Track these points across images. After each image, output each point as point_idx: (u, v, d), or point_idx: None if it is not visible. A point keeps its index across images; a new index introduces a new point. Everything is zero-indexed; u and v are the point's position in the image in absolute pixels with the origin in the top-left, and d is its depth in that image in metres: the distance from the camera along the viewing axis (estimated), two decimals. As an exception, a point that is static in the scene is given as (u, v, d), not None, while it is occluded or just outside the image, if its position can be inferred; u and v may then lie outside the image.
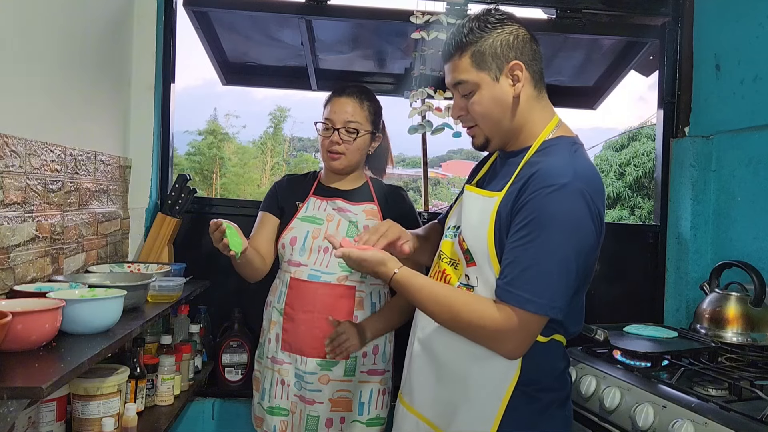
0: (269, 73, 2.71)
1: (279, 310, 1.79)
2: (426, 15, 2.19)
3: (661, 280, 2.35)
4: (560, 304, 1.14)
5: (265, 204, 1.89)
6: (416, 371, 1.37)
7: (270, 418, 1.78)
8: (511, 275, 1.15)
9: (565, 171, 1.16)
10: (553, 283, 1.13)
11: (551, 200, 1.14)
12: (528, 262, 1.13)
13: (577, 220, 1.15)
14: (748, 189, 2.06)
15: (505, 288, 1.15)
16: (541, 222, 1.13)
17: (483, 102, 1.26)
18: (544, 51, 1.31)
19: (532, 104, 1.28)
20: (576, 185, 1.15)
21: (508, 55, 1.24)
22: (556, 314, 1.15)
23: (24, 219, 1.45)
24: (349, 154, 1.79)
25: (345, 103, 1.79)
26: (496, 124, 1.28)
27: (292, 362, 1.76)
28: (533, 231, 1.14)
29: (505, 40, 1.24)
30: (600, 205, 1.18)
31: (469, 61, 1.25)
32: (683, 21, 2.35)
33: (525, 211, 1.15)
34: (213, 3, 2.25)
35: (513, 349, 1.18)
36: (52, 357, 1.14)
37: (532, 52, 1.26)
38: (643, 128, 13.67)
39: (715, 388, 1.50)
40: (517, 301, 1.13)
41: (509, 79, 1.25)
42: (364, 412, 1.77)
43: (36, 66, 1.51)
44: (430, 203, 2.71)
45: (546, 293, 1.13)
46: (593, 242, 1.18)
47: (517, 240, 1.15)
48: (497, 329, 1.16)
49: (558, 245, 1.13)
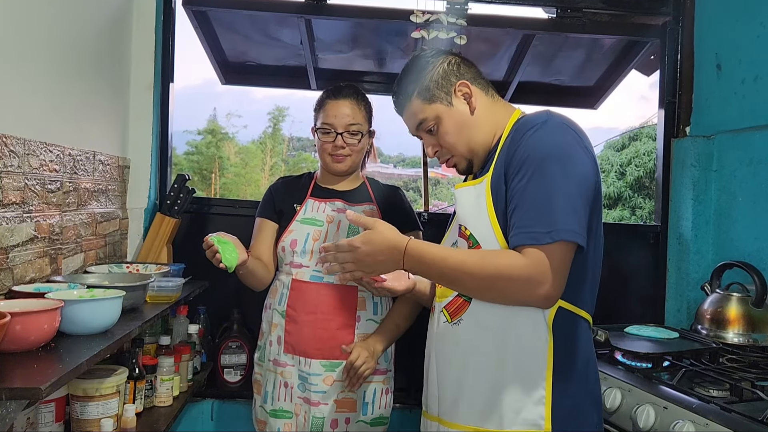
0: (269, 72, 2.70)
1: (280, 312, 1.78)
2: (426, 14, 2.19)
3: (662, 281, 2.35)
4: (575, 227, 1.13)
5: (262, 210, 1.87)
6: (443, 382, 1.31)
7: (274, 420, 1.77)
8: (520, 219, 1.15)
9: (541, 115, 1.22)
10: (561, 210, 1.13)
11: (536, 138, 1.17)
12: (531, 200, 1.14)
13: (567, 147, 1.17)
14: (749, 189, 2.05)
15: (518, 232, 1.14)
16: (533, 160, 1.16)
17: (449, 130, 1.32)
18: (545, 51, 1.34)
19: (492, 108, 1.34)
20: (556, 120, 1.20)
21: (450, 79, 1.32)
22: (575, 237, 1.13)
23: (23, 219, 1.45)
24: (353, 155, 1.79)
25: (343, 105, 1.77)
26: (469, 144, 1.32)
27: (296, 364, 1.75)
28: (527, 171, 1.16)
29: (441, 70, 1.33)
30: (585, 139, 1.21)
31: (419, 100, 1.33)
32: (684, 20, 2.35)
33: (515, 159, 1.18)
34: (212, 2, 2.24)
35: (549, 290, 1.13)
36: (50, 358, 1.13)
37: (469, 69, 1.35)
38: (643, 128, 13.66)
39: (716, 389, 1.50)
40: (534, 238, 1.12)
41: (462, 99, 1.32)
42: (368, 411, 1.77)
43: (35, 66, 1.51)
44: (430, 203, 2.71)
45: (558, 221, 1.12)
46: (589, 168, 1.18)
47: (515, 187, 1.17)
48: (526, 275, 1.12)
49: (555, 175, 1.14)
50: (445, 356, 1.32)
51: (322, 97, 1.82)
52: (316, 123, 1.82)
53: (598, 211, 1.23)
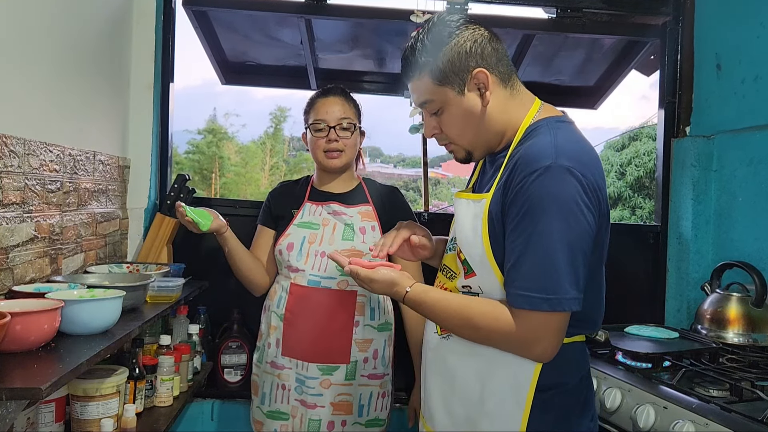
0: (269, 72, 2.70)
1: (279, 315, 1.79)
2: (426, 14, 2.19)
3: (662, 281, 2.35)
4: (574, 294, 1.08)
5: (260, 217, 1.92)
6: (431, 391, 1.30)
7: (270, 422, 1.78)
8: (517, 278, 1.09)
9: (545, 152, 1.09)
10: (561, 275, 1.06)
11: (537, 187, 1.07)
12: (530, 259, 1.08)
13: (570, 201, 1.07)
14: (749, 189, 2.05)
15: (515, 293, 1.10)
16: (533, 213, 1.07)
17: (453, 120, 1.21)
18: (545, 51, 1.29)
19: (507, 105, 1.22)
20: (560, 164, 1.07)
21: (468, 64, 1.17)
22: (573, 306, 1.08)
23: (23, 219, 1.45)
24: (347, 150, 1.79)
25: (333, 102, 1.80)
26: (473, 137, 1.23)
27: (293, 367, 1.76)
28: (527, 226, 1.08)
29: (462, 50, 1.17)
30: (593, 176, 1.10)
31: (429, 79, 1.19)
32: (684, 20, 2.34)
33: (515, 205, 1.10)
34: (212, 2, 2.25)
35: (542, 352, 1.11)
36: (50, 358, 1.13)
37: (493, 53, 1.19)
38: (644, 128, 13.65)
39: (716, 388, 1.50)
40: (531, 304, 1.08)
41: (475, 90, 1.19)
42: (364, 413, 1.77)
43: (35, 66, 1.51)
44: (430, 203, 2.71)
45: (557, 287, 1.07)
46: (593, 220, 1.10)
47: (514, 239, 1.10)
48: (520, 337, 1.10)
49: (556, 233, 1.06)
50: (433, 366, 1.30)
51: (312, 99, 1.85)
52: (307, 122, 1.84)
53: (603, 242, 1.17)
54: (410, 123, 2.33)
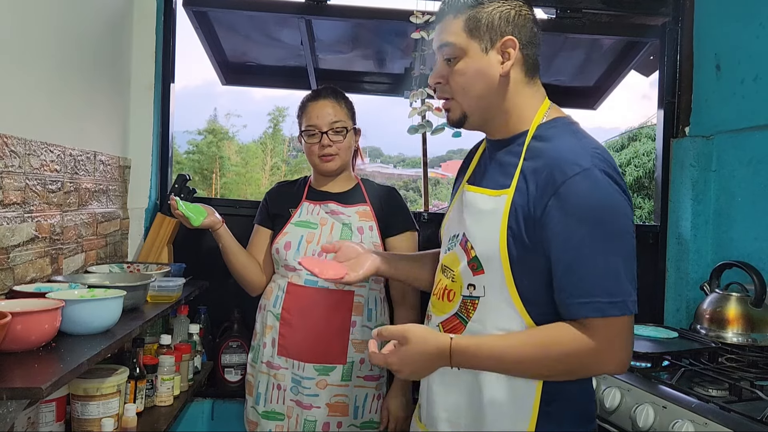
0: (269, 73, 2.71)
1: (275, 314, 1.79)
2: (426, 15, 2.19)
3: (661, 281, 2.35)
4: (635, 296, 1.07)
5: (258, 217, 1.92)
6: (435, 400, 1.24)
7: (265, 422, 1.78)
8: (575, 285, 1.06)
9: (579, 154, 1.09)
10: (621, 276, 1.05)
11: (584, 190, 1.05)
12: (587, 264, 1.05)
13: (615, 202, 1.07)
14: (749, 189, 2.06)
15: (576, 302, 1.05)
16: (582, 217, 1.05)
17: (466, 72, 1.17)
18: (545, 51, 1.28)
19: (520, 89, 1.19)
20: (598, 166, 1.07)
21: (504, 29, 1.15)
22: (635, 308, 1.06)
23: (23, 219, 1.45)
24: (341, 153, 1.80)
25: (323, 105, 1.80)
26: (476, 99, 1.18)
27: (289, 367, 1.76)
28: (577, 230, 1.05)
29: (505, 13, 1.15)
30: (620, 178, 1.11)
31: (462, 24, 1.16)
32: (683, 21, 2.35)
33: (557, 210, 1.06)
34: (212, 3, 2.25)
35: (619, 361, 1.07)
36: (51, 357, 1.14)
37: (530, 33, 1.18)
38: (643, 128, 13.65)
39: (715, 388, 1.50)
40: (598, 310, 1.04)
41: (499, 55, 1.16)
42: (358, 415, 1.77)
43: (35, 66, 1.51)
44: (430, 203, 2.71)
45: (623, 291, 1.05)
46: (632, 218, 1.11)
47: (562, 244, 1.06)
48: (593, 350, 1.05)
49: (609, 236, 1.06)
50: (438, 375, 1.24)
51: (303, 102, 1.86)
52: (300, 127, 1.85)
53: None
54: (410, 123, 2.33)
